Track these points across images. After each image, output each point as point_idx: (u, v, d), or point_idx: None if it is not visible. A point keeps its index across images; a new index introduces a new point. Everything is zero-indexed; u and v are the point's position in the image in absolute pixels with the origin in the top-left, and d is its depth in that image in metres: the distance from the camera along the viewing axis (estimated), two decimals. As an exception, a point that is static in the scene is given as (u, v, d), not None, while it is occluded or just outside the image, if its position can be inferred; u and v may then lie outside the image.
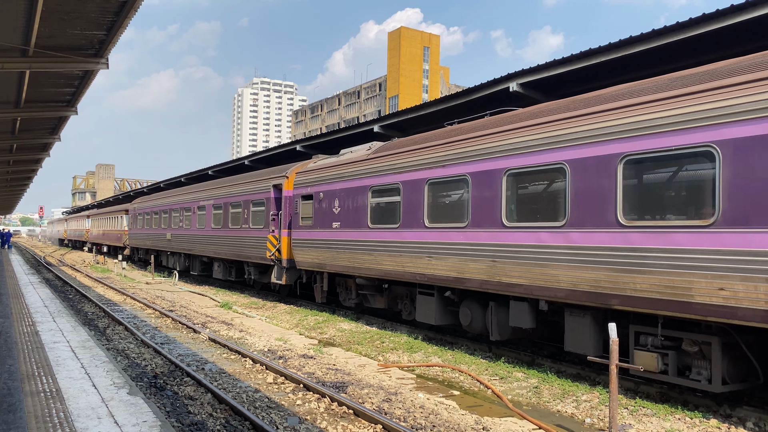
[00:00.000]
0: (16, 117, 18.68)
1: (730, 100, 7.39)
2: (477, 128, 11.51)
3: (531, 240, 9.83)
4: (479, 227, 10.89)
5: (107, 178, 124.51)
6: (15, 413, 5.75)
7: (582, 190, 9.07)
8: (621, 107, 8.71)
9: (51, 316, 12.23)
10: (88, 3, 10.11)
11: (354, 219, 14.77)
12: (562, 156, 9.38)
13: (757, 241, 7.03)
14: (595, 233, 8.84)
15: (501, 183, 10.42)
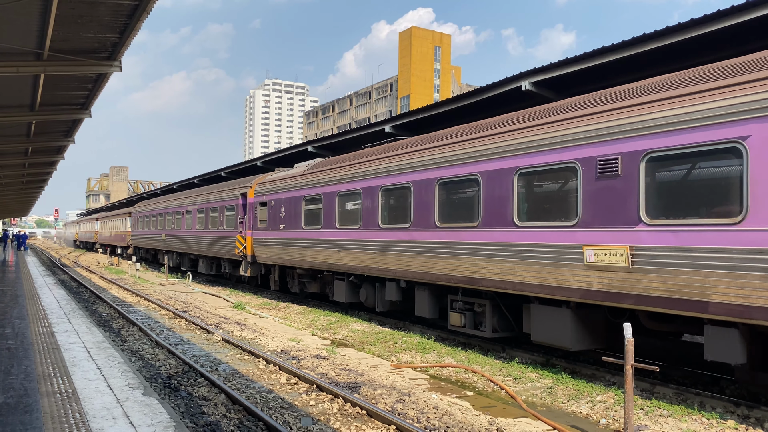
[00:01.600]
0: (32, 120, 18.87)
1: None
2: (368, 154, 15.36)
3: (395, 237, 13.53)
4: (367, 228, 14.58)
5: (121, 180, 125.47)
6: (32, 414, 5.80)
7: (419, 201, 12.91)
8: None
9: (66, 318, 12.33)
10: (101, 6, 10.18)
11: (294, 222, 18.29)
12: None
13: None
14: (424, 232, 12.69)
15: (378, 197, 14.29)
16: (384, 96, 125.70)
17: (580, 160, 9.20)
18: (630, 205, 8.49)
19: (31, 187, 46.24)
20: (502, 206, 10.56)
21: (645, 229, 8.29)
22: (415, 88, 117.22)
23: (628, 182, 8.53)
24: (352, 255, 15.10)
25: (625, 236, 8.53)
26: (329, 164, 16.95)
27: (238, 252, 22.09)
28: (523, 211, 10.21)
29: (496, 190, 10.69)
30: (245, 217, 21.98)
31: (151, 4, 9.88)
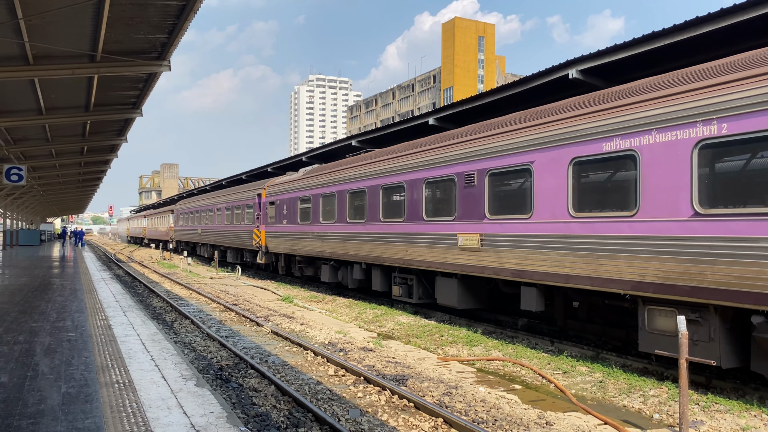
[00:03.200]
0: (86, 120, 19.53)
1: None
2: (340, 164, 19.56)
3: (356, 229, 17.53)
4: (340, 223, 18.66)
5: (171, 177, 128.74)
6: (92, 403, 6.03)
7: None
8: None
9: (122, 311, 12.76)
10: (150, 8, 10.44)
11: (293, 218, 22.46)
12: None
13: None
14: (374, 225, 16.52)
15: (346, 198, 18.24)
16: (427, 88, 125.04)
17: (456, 174, 13.17)
18: (480, 206, 12.41)
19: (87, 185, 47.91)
20: (417, 207, 14.65)
21: (487, 222, 12.22)
22: (459, 80, 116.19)
23: (480, 190, 12.43)
24: (331, 244, 19.31)
25: (477, 227, 12.48)
26: (318, 171, 21.19)
27: (255, 243, 26.60)
28: (429, 209, 14.28)
29: (414, 195, 14.77)
30: (260, 213, 26.32)
31: (198, 4, 10.08)
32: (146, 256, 49.91)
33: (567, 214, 10.23)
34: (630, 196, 9.11)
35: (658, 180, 8.65)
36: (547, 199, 10.63)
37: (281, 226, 23.56)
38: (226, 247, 33.35)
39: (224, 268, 34.11)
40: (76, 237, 61.85)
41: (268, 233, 25.05)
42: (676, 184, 8.39)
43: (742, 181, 7.94)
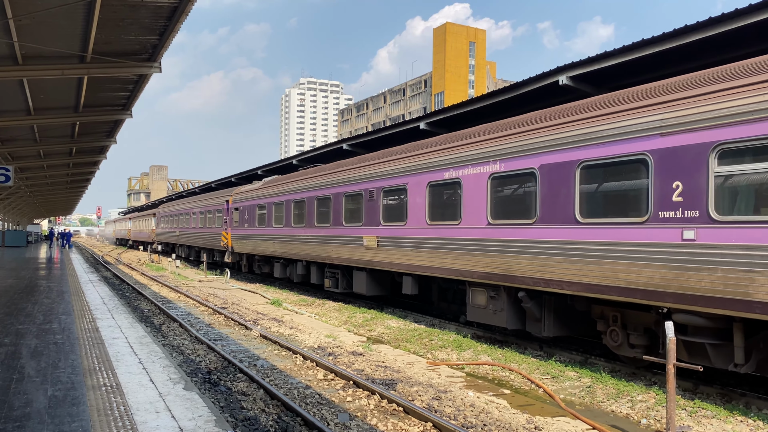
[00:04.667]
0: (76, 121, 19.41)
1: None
2: (290, 177, 22.92)
3: (299, 233, 20.61)
4: (287, 227, 21.78)
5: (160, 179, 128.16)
6: (78, 406, 5.98)
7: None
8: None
9: (110, 313, 12.67)
10: (142, 9, 10.41)
11: (252, 222, 25.50)
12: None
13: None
14: (310, 229, 19.82)
15: (292, 206, 21.55)
16: (418, 93, 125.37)
17: (363, 189, 16.54)
18: (377, 215, 15.73)
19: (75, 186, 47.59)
20: (339, 215, 17.89)
21: (381, 227, 15.49)
22: (450, 85, 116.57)
23: (377, 203, 15.78)
24: (281, 245, 22.44)
25: (376, 231, 15.78)
26: (272, 182, 24.55)
27: (222, 244, 29.93)
28: (347, 217, 17.45)
29: (337, 205, 18.09)
30: (227, 218, 29.45)
31: (189, 6, 10.06)
32: (134, 259, 49.59)
33: (425, 223, 13.80)
34: (457, 210, 12.70)
35: (471, 201, 12.26)
36: (416, 211, 14.15)
37: (244, 230, 26.81)
38: (200, 247, 36.99)
39: (213, 270, 33.96)
40: (64, 239, 61.34)
41: (234, 235, 28.30)
42: (479, 204, 12.04)
43: (509, 204, 11.46)
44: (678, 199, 8.28)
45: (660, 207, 8.51)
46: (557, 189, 10.21)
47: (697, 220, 8.05)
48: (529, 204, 10.88)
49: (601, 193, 9.59)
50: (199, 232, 35.71)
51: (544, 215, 10.45)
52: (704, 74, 8.64)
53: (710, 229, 7.88)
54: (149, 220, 56.58)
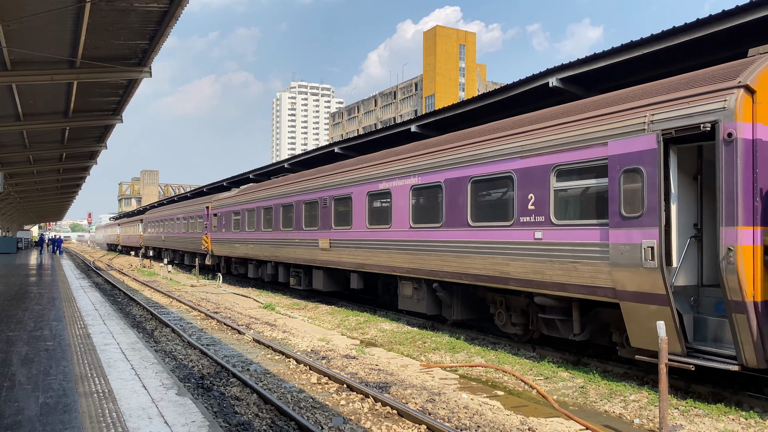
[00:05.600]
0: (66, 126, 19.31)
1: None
2: (259, 186, 25.50)
3: (268, 236, 23.02)
4: (258, 230, 24.09)
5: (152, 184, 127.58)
6: (70, 413, 5.94)
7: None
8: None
9: (101, 319, 12.60)
10: (132, 14, 10.38)
11: (229, 227, 27.86)
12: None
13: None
14: (277, 233, 22.11)
15: (262, 213, 23.94)
16: (409, 96, 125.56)
17: (319, 198, 18.79)
18: (329, 220, 17.98)
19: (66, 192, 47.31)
20: (300, 220, 20.17)
21: (332, 231, 17.69)
22: (440, 87, 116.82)
23: (329, 210, 18.00)
24: (253, 248, 24.60)
25: (328, 234, 17.97)
26: (245, 190, 27.08)
27: (203, 248, 32.15)
28: (306, 222, 19.74)
29: (298, 211, 20.36)
30: (208, 223, 31.48)
31: (179, 10, 10.04)
32: (126, 264, 49.34)
33: (365, 227, 15.98)
34: (388, 215, 15.01)
35: (398, 208, 14.59)
36: (359, 217, 16.35)
37: (222, 234, 29.14)
38: (184, 251, 39.57)
39: (205, 275, 33.85)
40: (54, 245, 60.95)
41: (213, 239, 30.51)
42: (404, 210, 14.34)
43: (425, 210, 13.71)
44: (532, 207, 10.57)
45: (521, 213, 10.80)
46: (456, 199, 12.53)
47: (543, 223, 10.34)
48: (438, 211, 13.17)
49: (485, 202, 12.00)
50: (182, 237, 37.80)
51: (447, 220, 12.78)
52: (552, 110, 11.00)
53: (551, 230, 10.16)
54: (137, 225, 58.39)
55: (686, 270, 8.89)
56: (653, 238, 8.49)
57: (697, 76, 8.71)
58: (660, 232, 8.45)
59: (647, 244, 8.55)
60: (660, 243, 8.42)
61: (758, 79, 7.79)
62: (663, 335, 7.10)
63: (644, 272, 8.56)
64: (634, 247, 8.73)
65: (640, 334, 8.89)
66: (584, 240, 9.53)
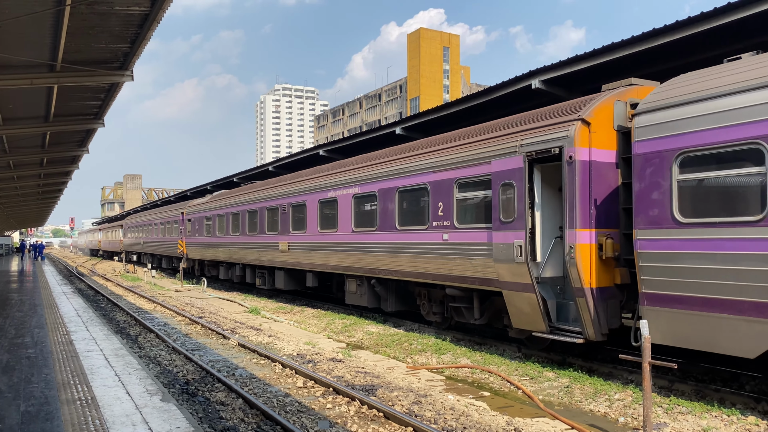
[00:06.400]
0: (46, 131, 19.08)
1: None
2: (225, 194, 27.90)
3: (233, 240, 25.12)
4: (226, 235, 26.13)
5: (135, 188, 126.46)
6: (52, 421, 5.87)
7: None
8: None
9: (84, 326, 12.46)
10: (112, 17, 10.28)
11: (201, 232, 29.77)
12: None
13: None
14: (241, 237, 24.48)
15: (230, 218, 25.76)
16: (394, 98, 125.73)
17: (279, 204, 20.66)
18: (288, 224, 19.80)
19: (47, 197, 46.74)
20: (263, 224, 21.94)
21: (291, 234, 19.51)
22: (425, 90, 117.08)
23: (287, 215, 19.86)
24: (224, 251, 26.61)
25: (287, 238, 19.79)
26: (217, 197, 28.74)
27: (179, 251, 33.60)
28: (268, 226, 21.44)
29: (261, 217, 22.16)
30: (183, 228, 33.38)
31: (161, 14, 9.96)
32: (109, 269, 48.85)
33: (317, 231, 17.84)
34: (336, 221, 16.82)
35: (343, 214, 16.43)
36: (312, 222, 18.25)
37: (195, 238, 30.91)
38: (162, 255, 41.02)
39: (189, 280, 33.61)
40: (36, 250, 60.19)
41: (188, 243, 32.18)
42: (348, 216, 16.20)
43: (364, 216, 15.63)
44: (441, 213, 12.64)
45: (433, 218, 12.90)
46: (387, 206, 14.50)
47: (449, 227, 12.41)
48: (374, 216, 15.07)
49: (408, 209, 13.94)
50: (159, 241, 39.72)
51: (381, 224, 14.73)
52: (458, 132, 13.12)
53: (455, 232, 12.22)
54: (118, 231, 60.44)
55: (552, 264, 10.76)
56: (521, 239, 10.51)
57: (556, 108, 10.65)
58: (526, 234, 10.46)
59: (517, 243, 10.58)
60: (526, 242, 10.43)
61: (594, 113, 9.69)
62: (647, 334, 7.16)
63: (516, 266, 10.60)
64: (509, 246, 10.78)
65: (518, 317, 10.89)
66: (477, 240, 11.61)
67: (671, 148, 8.19)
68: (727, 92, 7.68)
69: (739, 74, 7.77)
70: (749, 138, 7.39)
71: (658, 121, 8.39)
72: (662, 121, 8.33)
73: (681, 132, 8.09)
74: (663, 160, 8.26)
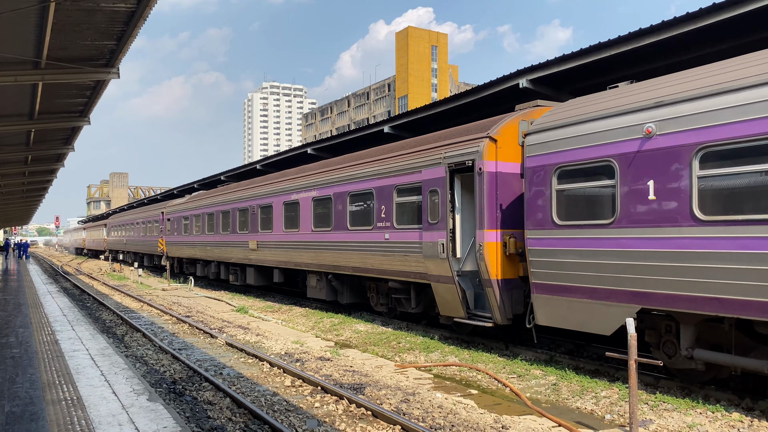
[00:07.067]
0: (31, 129, 18.87)
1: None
2: (201, 195, 29.52)
3: (207, 239, 26.69)
4: (201, 234, 27.75)
5: (121, 187, 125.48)
6: (37, 422, 5.81)
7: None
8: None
9: (70, 325, 12.35)
10: (98, 14, 10.18)
11: (180, 231, 31.24)
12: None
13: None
14: (213, 236, 26.29)
15: (205, 218, 27.38)
16: (382, 96, 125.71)
17: (249, 206, 22.12)
18: (257, 224, 21.31)
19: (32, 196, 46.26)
20: (235, 224, 23.47)
21: (259, 234, 21.02)
22: (413, 88, 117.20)
23: (256, 216, 21.34)
24: (199, 249, 28.23)
25: (256, 237, 21.30)
26: (194, 198, 30.18)
27: (159, 250, 35.15)
28: (240, 226, 22.87)
29: (234, 217, 23.67)
30: (163, 227, 34.74)
31: (147, 11, 9.88)
32: (95, 268, 48.45)
33: (282, 230, 19.40)
34: (297, 221, 18.45)
35: (304, 215, 18.10)
36: (278, 222, 19.81)
37: (174, 237, 32.35)
38: (143, 253, 42.34)
39: (176, 279, 33.42)
40: (20, 249, 59.58)
41: (167, 242, 33.57)
42: (308, 217, 17.83)
43: (321, 217, 17.19)
44: (383, 215, 14.21)
45: (377, 220, 14.46)
46: (341, 208, 16.02)
47: (390, 228, 13.95)
48: (329, 217, 16.62)
49: (357, 211, 15.39)
50: (141, 240, 41.07)
51: (335, 225, 16.25)
52: (399, 143, 14.84)
53: (394, 232, 13.80)
54: (101, 230, 61.76)
55: (471, 260, 12.16)
56: (443, 238, 12.19)
57: (473, 126, 12.31)
58: (447, 234, 12.13)
59: (441, 241, 12.25)
60: (447, 241, 12.09)
61: (500, 131, 11.37)
62: (632, 332, 7.22)
63: (440, 261, 12.27)
64: (435, 244, 12.43)
65: (443, 305, 12.51)
66: (411, 239, 13.20)
67: (551, 163, 9.80)
68: (590, 118, 9.22)
69: (601, 103, 9.26)
70: (604, 156, 8.94)
71: (542, 140, 9.96)
72: (545, 140, 9.90)
73: (558, 150, 9.67)
74: (545, 173, 9.88)
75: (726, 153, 7.53)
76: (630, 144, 8.56)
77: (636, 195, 8.49)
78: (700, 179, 7.77)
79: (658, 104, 8.29)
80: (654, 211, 8.27)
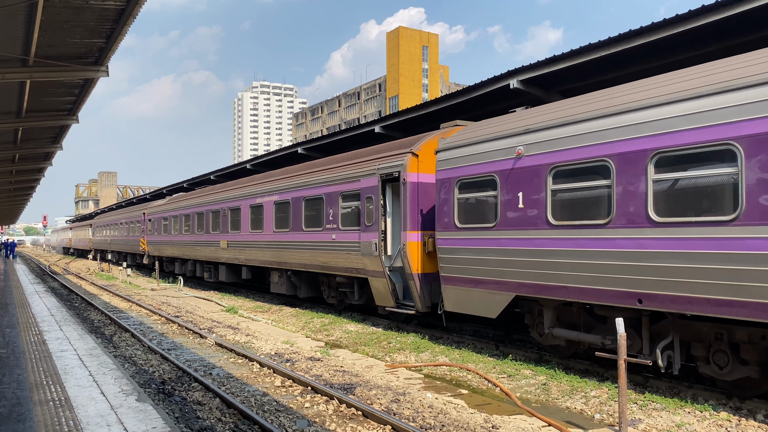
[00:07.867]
0: (18, 127, 18.70)
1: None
2: (184, 196, 30.55)
3: (186, 239, 28.07)
4: (178, 234, 29.02)
5: (109, 186, 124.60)
6: (24, 423, 5.76)
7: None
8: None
9: (58, 325, 12.25)
10: (87, 11, 10.10)
11: (160, 231, 32.64)
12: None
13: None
14: (191, 236, 27.68)
15: (182, 219, 28.91)
16: (373, 96, 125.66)
17: (220, 208, 23.78)
18: (227, 224, 22.87)
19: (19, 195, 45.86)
20: (208, 225, 25.07)
21: (229, 234, 22.65)
22: (404, 88, 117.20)
23: (226, 217, 22.99)
24: (178, 249, 29.72)
25: (226, 237, 22.96)
26: (174, 199, 31.78)
27: (140, 249, 36.75)
28: (213, 226, 24.48)
29: (207, 219, 25.27)
30: (144, 227, 36.16)
31: (137, 9, 9.82)
32: (83, 268, 48.10)
33: (249, 231, 20.99)
34: (262, 223, 20.15)
35: (267, 217, 19.68)
36: (245, 223, 21.34)
37: (154, 237, 33.79)
38: (126, 252, 44.10)
39: (165, 279, 33.24)
40: (7, 249, 59.05)
41: (149, 242, 35.04)
42: (270, 219, 19.52)
43: (281, 220, 18.81)
44: (331, 218, 15.99)
45: (326, 222, 16.21)
46: (297, 211, 17.84)
47: (336, 229, 15.72)
48: (288, 219, 18.33)
49: (311, 214, 17.15)
50: (124, 240, 42.74)
51: (293, 226, 18.00)
52: (345, 155, 16.66)
53: (340, 233, 15.50)
54: (87, 230, 63.27)
55: (399, 257, 13.59)
56: (377, 238, 14.01)
57: (401, 142, 14.33)
58: (380, 234, 13.96)
59: (375, 241, 14.06)
60: (379, 241, 13.93)
61: (422, 147, 13.31)
62: (622, 332, 7.25)
63: (374, 258, 14.07)
64: (370, 243, 14.19)
65: (378, 296, 14.44)
66: (353, 239, 14.92)
67: (454, 176, 11.68)
68: (481, 140, 11.08)
69: (492, 127, 11.02)
70: (490, 172, 10.83)
71: (448, 157, 11.83)
72: (450, 157, 11.76)
73: (459, 165, 11.54)
74: (450, 184, 11.78)
75: (568, 172, 9.39)
76: (507, 162, 10.44)
77: (510, 203, 10.38)
78: (552, 192, 9.63)
79: (526, 131, 10.13)
80: (522, 217, 10.14)
